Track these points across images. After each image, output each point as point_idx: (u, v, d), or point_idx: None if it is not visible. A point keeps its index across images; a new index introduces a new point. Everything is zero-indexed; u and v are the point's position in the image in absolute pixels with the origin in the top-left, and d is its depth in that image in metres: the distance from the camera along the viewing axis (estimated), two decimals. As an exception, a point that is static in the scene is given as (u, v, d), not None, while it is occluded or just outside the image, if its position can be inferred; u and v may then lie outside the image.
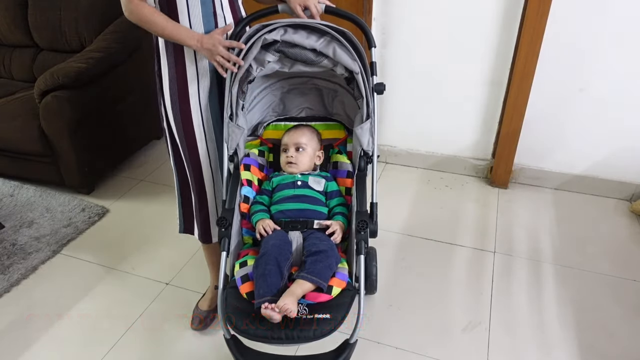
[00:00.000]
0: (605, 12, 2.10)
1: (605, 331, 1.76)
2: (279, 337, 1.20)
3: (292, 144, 1.57)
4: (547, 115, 2.40)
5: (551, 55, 2.24)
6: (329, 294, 1.29)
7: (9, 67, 2.98)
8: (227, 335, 1.31)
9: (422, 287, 1.97)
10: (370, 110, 1.49)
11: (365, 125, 1.48)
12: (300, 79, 1.65)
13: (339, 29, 1.43)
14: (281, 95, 1.68)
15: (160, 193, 2.64)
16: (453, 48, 2.40)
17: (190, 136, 1.56)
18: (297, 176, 1.54)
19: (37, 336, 1.81)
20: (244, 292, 1.31)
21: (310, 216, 1.48)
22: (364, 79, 1.46)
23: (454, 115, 2.58)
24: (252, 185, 1.56)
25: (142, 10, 1.38)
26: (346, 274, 1.36)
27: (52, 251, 2.21)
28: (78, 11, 2.72)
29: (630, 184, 2.42)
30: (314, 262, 1.32)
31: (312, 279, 1.28)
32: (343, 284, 1.32)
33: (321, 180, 1.55)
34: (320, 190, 1.53)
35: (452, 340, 1.75)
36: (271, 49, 1.43)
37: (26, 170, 2.63)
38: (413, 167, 2.79)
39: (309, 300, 1.27)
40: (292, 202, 1.49)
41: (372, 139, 1.50)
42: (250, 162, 1.58)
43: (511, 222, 2.33)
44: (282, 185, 1.54)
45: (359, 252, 1.33)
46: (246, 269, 1.36)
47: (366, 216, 1.37)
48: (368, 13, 2.41)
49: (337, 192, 1.56)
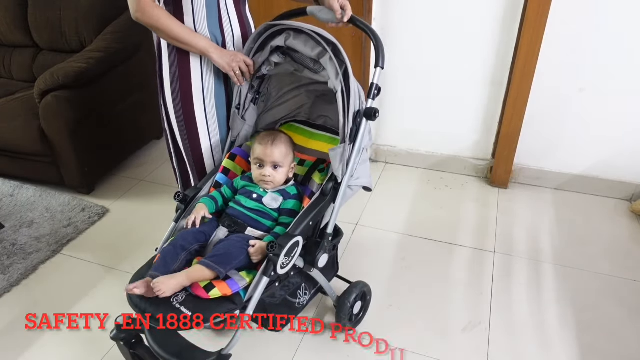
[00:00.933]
0: (605, 12, 2.10)
1: (605, 331, 1.76)
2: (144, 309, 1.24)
3: (269, 162, 1.47)
4: (547, 115, 2.40)
5: (551, 55, 2.24)
6: (207, 291, 1.23)
7: (9, 67, 2.98)
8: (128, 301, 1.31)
9: (422, 287, 1.97)
10: (346, 135, 1.35)
11: (337, 149, 1.36)
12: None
13: (330, 40, 1.35)
14: (314, 99, 1.66)
15: (160, 193, 2.64)
16: (453, 48, 2.40)
17: (194, 136, 1.56)
18: (258, 189, 1.49)
19: (37, 336, 1.81)
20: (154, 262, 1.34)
21: (248, 222, 1.45)
22: (344, 100, 1.34)
23: (454, 115, 2.58)
24: (228, 174, 1.58)
25: (156, 13, 1.35)
26: (239, 285, 1.27)
27: (52, 251, 2.21)
28: (78, 11, 2.72)
29: (630, 184, 2.42)
30: (217, 250, 1.33)
31: (210, 265, 1.26)
32: (228, 291, 1.25)
33: (279, 197, 1.48)
34: (274, 208, 1.47)
35: (452, 340, 1.75)
36: (277, 52, 1.45)
37: (26, 170, 2.63)
38: (413, 167, 2.79)
39: (190, 290, 1.26)
40: (241, 208, 1.48)
41: (343, 166, 1.37)
42: (238, 152, 1.59)
43: (511, 222, 2.33)
44: (243, 190, 1.52)
45: (265, 272, 1.27)
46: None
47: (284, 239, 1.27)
48: (368, 13, 2.41)
49: (289, 211, 1.46)
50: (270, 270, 1.27)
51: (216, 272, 1.26)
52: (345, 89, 1.35)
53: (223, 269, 1.27)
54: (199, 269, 1.27)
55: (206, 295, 1.23)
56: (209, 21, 1.43)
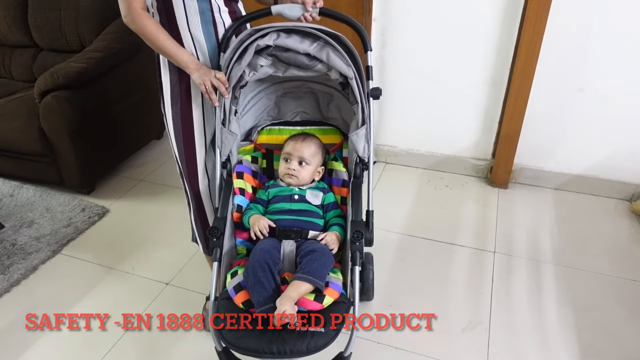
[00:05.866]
0: (605, 12, 2.10)
1: (605, 331, 1.76)
2: (271, 352, 1.16)
3: (296, 157, 1.52)
4: (547, 116, 2.40)
5: (551, 55, 2.24)
6: (320, 302, 1.25)
7: (9, 67, 2.98)
8: (219, 347, 1.27)
9: (422, 287, 1.97)
10: (365, 116, 1.46)
11: (360, 132, 1.46)
12: (295, 82, 1.62)
13: (332, 33, 1.39)
14: (276, 99, 1.66)
15: (160, 193, 2.64)
16: (453, 48, 2.40)
17: (190, 150, 1.54)
18: (295, 189, 1.51)
19: (37, 336, 1.81)
20: (239, 302, 1.27)
21: (305, 227, 1.45)
22: (359, 84, 1.42)
23: (454, 115, 2.58)
24: (244, 194, 1.53)
25: (144, 22, 1.35)
26: (340, 285, 1.32)
27: (52, 251, 2.21)
28: (78, 11, 2.72)
29: (630, 184, 2.42)
30: (309, 262, 1.29)
31: (309, 279, 1.25)
32: (336, 294, 1.28)
33: (319, 193, 1.52)
34: (318, 204, 1.50)
35: (452, 340, 1.75)
36: (264, 53, 1.41)
37: (26, 170, 2.63)
38: (413, 167, 2.79)
39: (301, 307, 1.24)
40: (288, 215, 1.47)
41: (367, 145, 1.47)
42: (243, 169, 1.55)
43: (511, 222, 2.33)
44: (278, 197, 1.51)
45: (354, 262, 1.29)
46: (237, 279, 1.32)
47: (361, 226, 1.33)
48: (368, 13, 2.41)
49: (334, 204, 1.53)
50: (358, 259, 1.29)
51: (314, 285, 1.25)
52: (358, 74, 1.42)
53: (321, 281, 1.27)
54: (299, 284, 1.24)
55: (321, 306, 1.25)
56: (204, 27, 1.43)
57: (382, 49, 2.51)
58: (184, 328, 1.82)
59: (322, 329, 1.19)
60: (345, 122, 1.64)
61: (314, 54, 1.39)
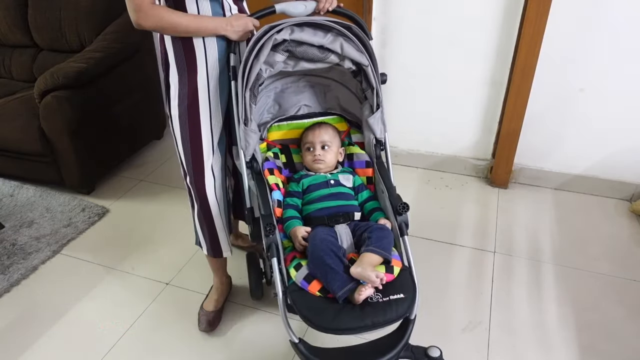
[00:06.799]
0: (605, 12, 2.09)
1: (605, 331, 1.76)
2: (366, 325, 1.22)
3: (318, 142, 1.59)
4: (547, 115, 2.40)
5: (551, 55, 2.24)
6: (391, 272, 1.32)
7: (9, 67, 2.98)
8: (295, 339, 1.29)
9: (422, 287, 1.95)
10: (380, 100, 1.54)
11: (377, 115, 1.55)
12: (292, 77, 1.66)
13: (344, 23, 1.44)
14: (275, 96, 1.68)
15: (160, 193, 2.64)
16: (453, 48, 2.40)
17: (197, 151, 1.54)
18: (328, 175, 1.57)
19: (37, 336, 1.81)
20: (315, 290, 1.30)
21: (349, 210, 1.51)
22: (373, 71, 1.49)
23: (454, 115, 2.58)
24: (279, 189, 1.57)
25: (159, 14, 1.33)
26: (398, 255, 1.41)
27: (52, 251, 2.21)
28: (78, 11, 2.72)
29: (630, 184, 2.42)
30: (379, 238, 1.36)
31: (380, 252, 1.32)
32: (400, 264, 1.38)
33: (349, 176, 1.59)
34: (350, 187, 1.57)
35: (452, 340, 1.75)
36: (279, 49, 1.42)
37: (26, 170, 2.63)
38: (413, 167, 2.79)
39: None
40: (328, 200, 1.51)
41: (383, 127, 1.57)
42: (271, 165, 1.59)
43: (511, 222, 2.33)
44: (314, 185, 1.55)
45: (402, 233, 1.41)
46: (304, 270, 1.34)
47: (401, 199, 1.43)
48: (368, 13, 2.41)
49: (363, 185, 1.60)
50: (405, 229, 1.41)
51: (384, 257, 1.33)
52: (372, 61, 1.49)
53: (389, 253, 1.36)
54: (371, 256, 1.31)
55: (392, 276, 1.33)
56: None
57: (382, 49, 2.51)
58: (184, 328, 1.83)
59: (402, 295, 1.27)
60: (345, 110, 1.70)
61: (327, 46, 1.42)
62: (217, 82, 1.50)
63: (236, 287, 1.98)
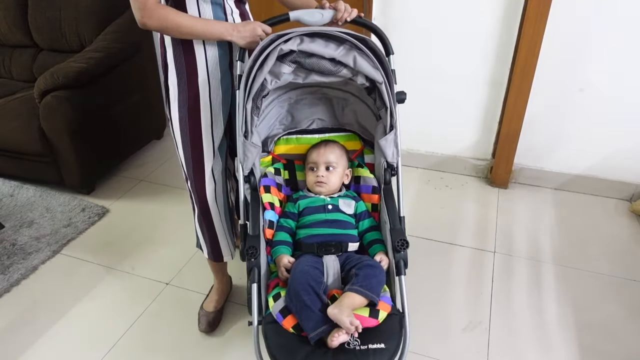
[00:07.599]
0: (605, 12, 2.10)
1: (605, 331, 1.76)
2: None
3: (322, 163, 1.48)
4: (547, 116, 2.40)
5: (551, 55, 2.24)
6: (375, 317, 1.19)
7: (9, 67, 2.98)
8: None
9: (422, 287, 1.97)
10: (394, 121, 1.40)
11: (389, 137, 1.41)
12: (309, 88, 1.56)
13: (359, 36, 1.33)
14: (288, 107, 1.58)
15: (160, 193, 2.64)
16: (453, 48, 2.40)
17: (197, 154, 1.53)
18: (327, 199, 1.46)
19: (37, 336, 1.81)
20: (288, 326, 1.19)
21: (343, 240, 1.39)
22: (387, 89, 1.37)
23: (454, 115, 2.58)
24: (274, 208, 1.47)
25: (164, 14, 1.30)
26: (389, 297, 1.27)
27: (52, 251, 2.21)
28: (78, 11, 2.72)
29: (630, 184, 2.42)
30: (367, 277, 1.23)
31: (365, 293, 1.18)
32: (388, 307, 1.23)
33: (351, 202, 1.47)
34: (351, 214, 1.45)
35: (452, 340, 1.75)
36: (286, 60, 1.33)
37: (26, 170, 2.63)
38: (413, 167, 2.79)
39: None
40: (322, 227, 1.41)
41: (396, 150, 1.43)
42: (269, 182, 1.49)
43: (511, 222, 2.33)
44: (310, 209, 1.45)
45: (399, 272, 1.26)
46: (281, 302, 1.24)
47: (403, 234, 1.29)
48: (368, 13, 2.42)
49: (366, 213, 1.48)
50: (403, 268, 1.27)
51: (370, 299, 1.20)
52: (387, 78, 1.37)
53: (376, 295, 1.22)
54: (354, 296, 1.19)
55: (377, 322, 1.19)
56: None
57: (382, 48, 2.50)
58: (184, 328, 1.83)
59: (383, 345, 1.14)
60: (362, 127, 1.59)
61: (340, 59, 1.32)
62: (218, 86, 1.47)
63: (236, 287, 1.98)
